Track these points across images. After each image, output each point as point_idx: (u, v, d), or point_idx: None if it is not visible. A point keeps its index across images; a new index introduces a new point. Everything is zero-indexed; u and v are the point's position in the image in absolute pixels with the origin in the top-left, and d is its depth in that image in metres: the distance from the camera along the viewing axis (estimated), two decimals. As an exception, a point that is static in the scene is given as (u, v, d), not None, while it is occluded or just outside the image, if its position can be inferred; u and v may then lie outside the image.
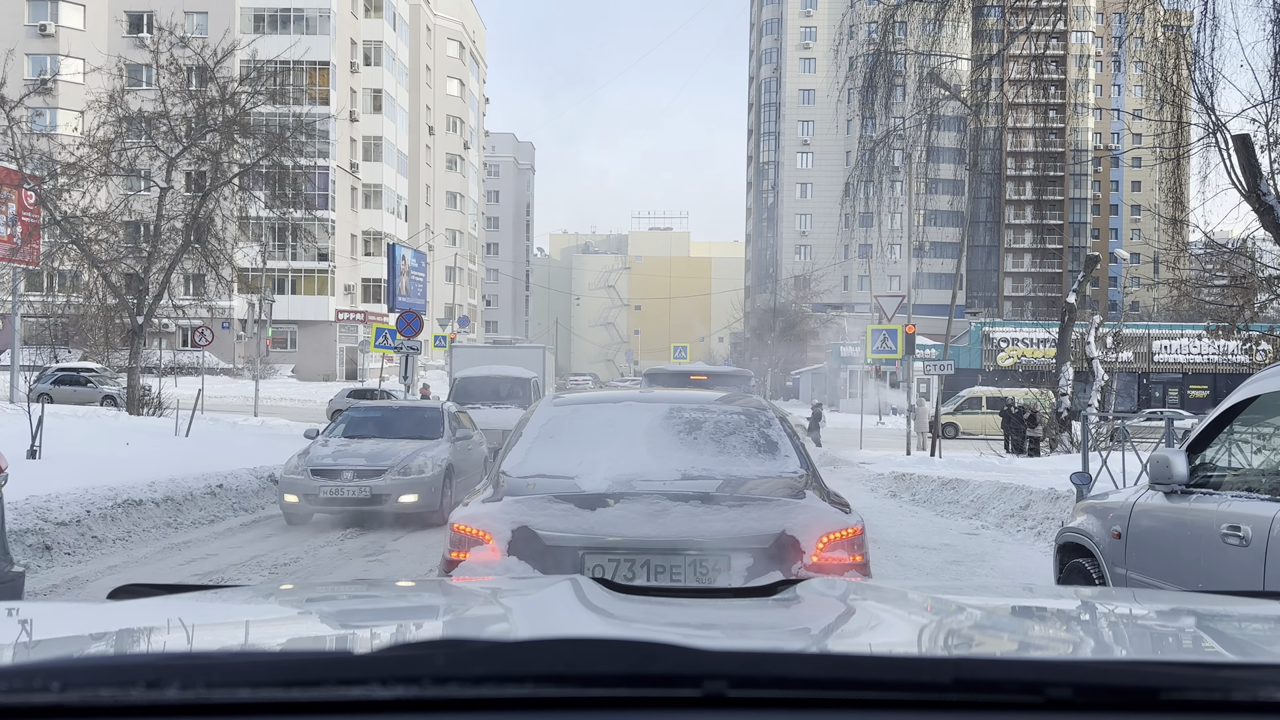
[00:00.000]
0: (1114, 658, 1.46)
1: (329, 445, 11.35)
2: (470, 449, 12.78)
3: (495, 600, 1.88)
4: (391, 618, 1.79)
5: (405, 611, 1.88)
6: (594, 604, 1.55)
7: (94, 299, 22.12)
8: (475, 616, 1.78)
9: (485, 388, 18.33)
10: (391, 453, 10.96)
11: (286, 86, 26.96)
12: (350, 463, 10.76)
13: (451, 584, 2.53)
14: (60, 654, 1.37)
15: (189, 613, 1.71)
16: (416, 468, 10.83)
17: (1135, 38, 14.29)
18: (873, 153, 17.36)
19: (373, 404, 15.53)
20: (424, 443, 11.40)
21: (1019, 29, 16.11)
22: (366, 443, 11.38)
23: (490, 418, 16.79)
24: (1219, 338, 16.74)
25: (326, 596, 2.07)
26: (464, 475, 11.77)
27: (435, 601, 1.99)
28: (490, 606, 1.84)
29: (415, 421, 12.23)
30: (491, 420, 16.66)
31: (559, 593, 1.64)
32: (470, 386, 18.26)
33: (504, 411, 17.05)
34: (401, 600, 2.05)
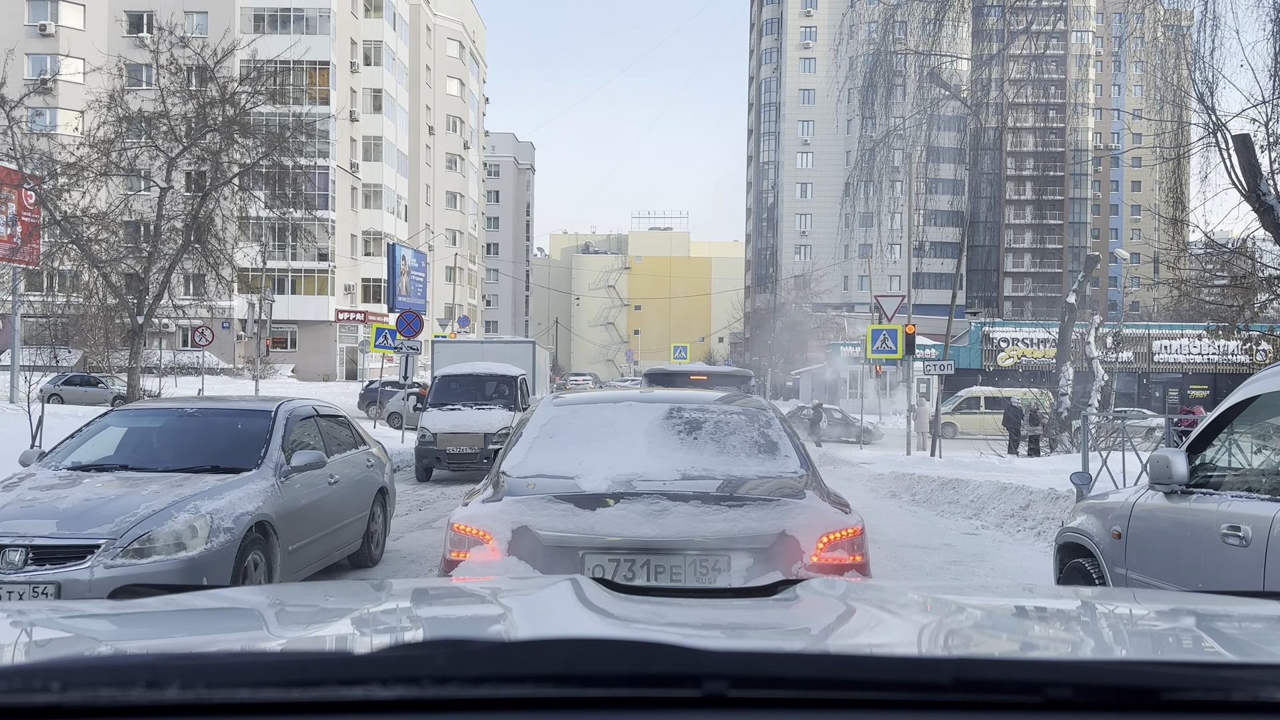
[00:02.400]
0: (1114, 658, 1.45)
1: (21, 486, 6.05)
2: (328, 485, 7.26)
3: (495, 600, 1.88)
4: (391, 618, 1.79)
5: (405, 611, 1.88)
6: (594, 604, 1.55)
7: (94, 299, 22.10)
8: (475, 616, 1.78)
9: (468, 386, 17.09)
10: (123, 504, 5.60)
11: (286, 86, 26.96)
12: (22, 531, 5.30)
13: (451, 584, 2.53)
14: (60, 654, 1.37)
15: (189, 613, 1.71)
16: (167, 539, 5.46)
17: (1135, 38, 14.30)
18: (873, 153, 17.38)
19: (158, 406, 8.08)
20: (217, 481, 6.11)
21: (1019, 29, 16.12)
22: (100, 480, 6.11)
23: (471, 420, 15.94)
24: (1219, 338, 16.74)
25: (326, 596, 2.07)
26: (309, 533, 6.83)
27: (435, 601, 1.99)
28: (490, 606, 1.84)
29: (217, 438, 6.82)
30: (472, 422, 15.86)
31: (559, 593, 1.64)
32: (451, 385, 17.11)
33: (487, 413, 16.11)
34: (402, 600, 2.05)
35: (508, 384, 17.17)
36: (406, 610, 1.90)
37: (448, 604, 1.94)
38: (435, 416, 16.15)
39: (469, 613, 1.82)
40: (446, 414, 16.11)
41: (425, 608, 1.92)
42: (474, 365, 17.94)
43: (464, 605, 1.90)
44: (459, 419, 15.88)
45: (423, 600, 2.04)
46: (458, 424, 15.78)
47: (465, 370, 17.58)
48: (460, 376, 17.34)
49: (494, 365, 17.91)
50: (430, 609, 1.90)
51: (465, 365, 17.95)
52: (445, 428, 15.72)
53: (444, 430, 15.69)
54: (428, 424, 16.00)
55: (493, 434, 15.47)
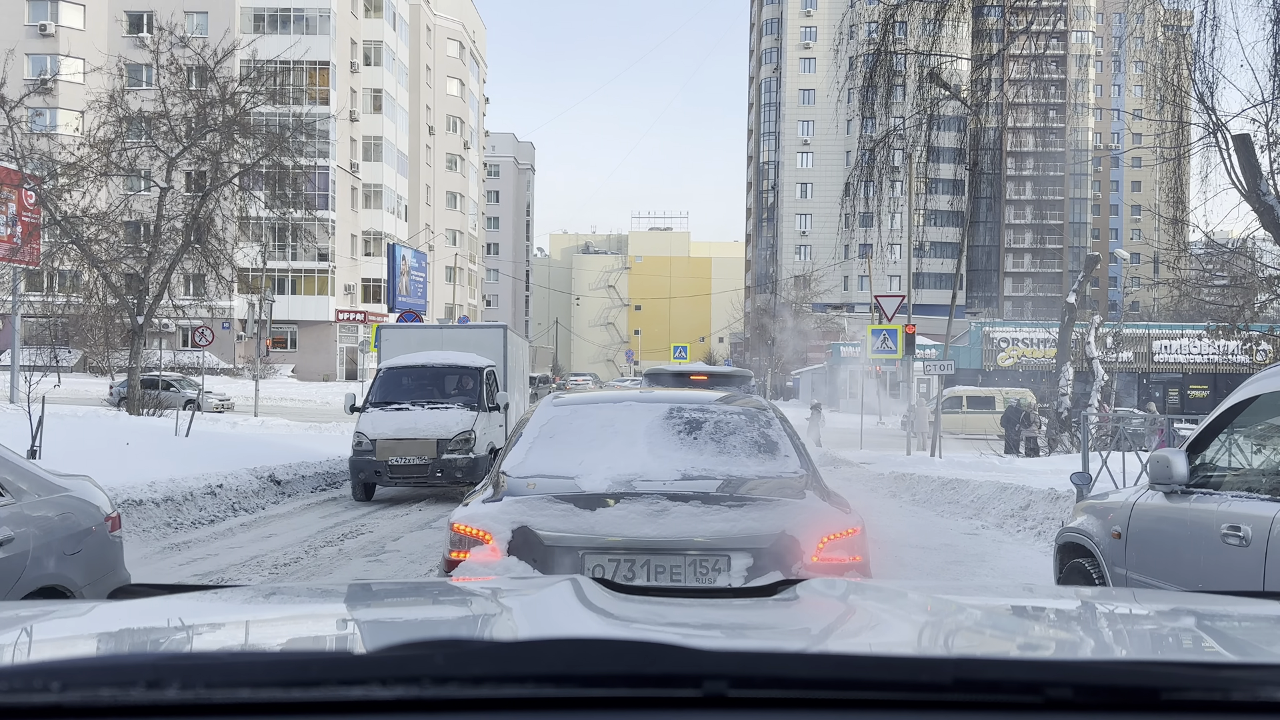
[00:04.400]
0: (1114, 658, 1.46)
1: None
2: None
3: (495, 600, 1.88)
4: (391, 618, 1.79)
5: (405, 611, 1.88)
6: (594, 604, 1.55)
7: (94, 299, 22.10)
8: (475, 616, 1.78)
9: (420, 381, 14.10)
10: None
11: (286, 86, 26.96)
12: None
13: (451, 584, 2.53)
14: (60, 654, 1.37)
15: (189, 613, 1.71)
16: None
17: (1135, 37, 14.30)
18: (873, 152, 17.37)
19: None
20: None
21: (1019, 29, 16.12)
22: None
23: (420, 422, 13.12)
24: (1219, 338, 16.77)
25: (326, 596, 2.07)
26: None
27: (435, 601, 1.99)
28: (490, 606, 1.84)
29: None
30: (422, 425, 13.06)
31: (559, 593, 1.64)
32: (402, 380, 14.14)
33: (441, 414, 13.34)
34: (401, 600, 2.04)
35: (470, 377, 14.23)
36: (406, 610, 1.90)
37: (448, 604, 1.94)
38: (375, 419, 13.23)
39: (469, 613, 1.82)
40: (390, 415, 13.27)
41: (425, 608, 1.92)
42: (428, 355, 14.59)
43: (464, 605, 1.90)
44: (404, 421, 13.12)
45: (423, 600, 2.04)
46: (403, 428, 13.01)
47: (417, 361, 14.41)
48: (411, 369, 14.31)
49: (453, 355, 14.61)
50: (430, 609, 1.90)
51: (418, 355, 14.64)
52: (387, 433, 12.94)
53: (385, 436, 12.90)
54: (365, 428, 13.05)
55: (449, 439, 12.94)
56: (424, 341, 15.77)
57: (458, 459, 12.95)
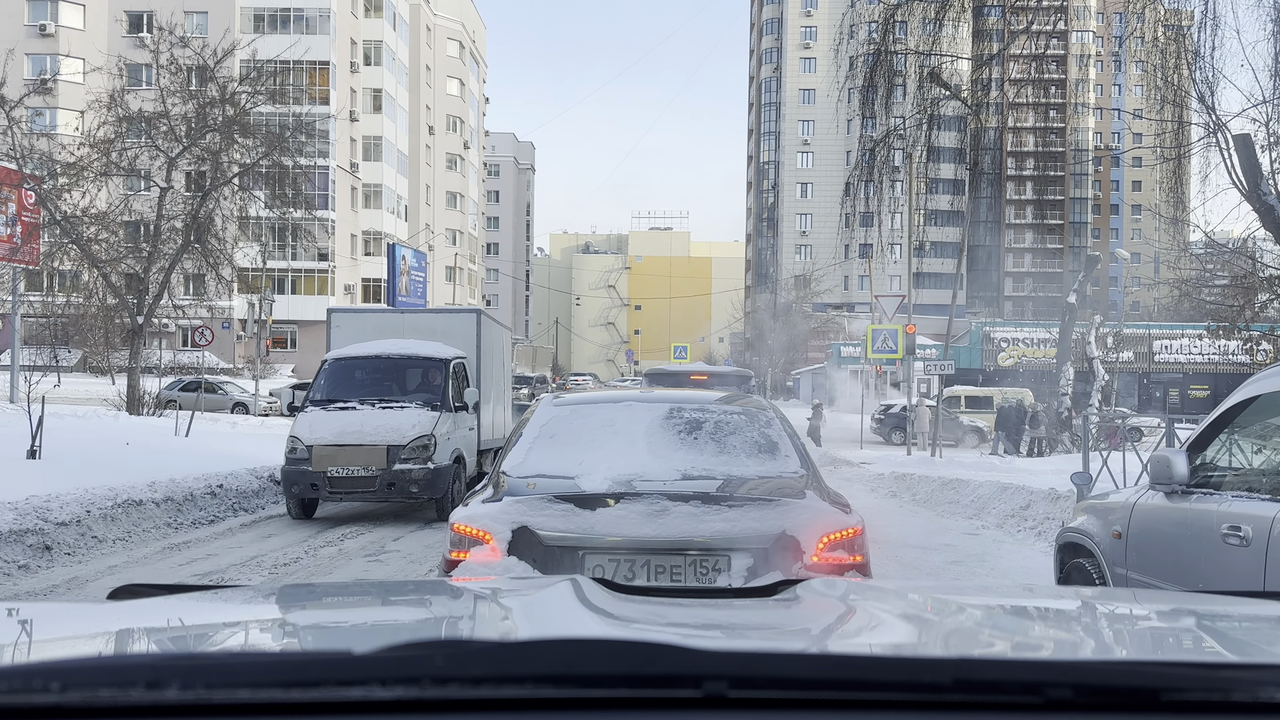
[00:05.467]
0: (1114, 658, 1.46)
1: None
2: None
3: (495, 600, 1.88)
4: (391, 618, 1.79)
5: (405, 612, 1.88)
6: (594, 604, 1.55)
7: (94, 299, 22.13)
8: (475, 617, 1.78)
9: (372, 376, 12.08)
10: None
11: (286, 86, 26.98)
12: None
13: (451, 584, 2.53)
14: (60, 654, 1.37)
15: (189, 613, 1.71)
16: None
17: (1136, 37, 14.29)
18: (873, 152, 17.36)
19: None
20: None
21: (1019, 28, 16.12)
22: None
23: (368, 425, 10.97)
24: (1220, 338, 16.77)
25: (326, 596, 2.07)
26: None
27: (435, 602, 1.99)
28: (490, 607, 1.84)
29: None
30: (369, 429, 10.90)
31: (559, 593, 1.64)
32: (348, 374, 11.97)
33: (395, 414, 11.19)
34: (401, 600, 2.04)
35: (435, 371, 12.06)
36: (406, 610, 1.90)
37: (448, 604, 1.94)
38: (314, 421, 11.11)
39: (469, 613, 1.82)
40: (332, 417, 11.12)
41: (425, 608, 1.92)
42: (385, 344, 12.44)
43: (464, 605, 1.90)
44: (349, 424, 10.98)
45: (423, 600, 2.04)
46: (346, 432, 10.86)
47: (369, 352, 12.27)
48: (362, 360, 12.17)
49: (415, 344, 12.47)
50: (430, 609, 1.90)
51: (372, 344, 12.46)
52: (326, 438, 10.79)
53: (324, 442, 10.76)
54: (301, 432, 10.97)
55: (402, 446, 10.81)
56: (381, 328, 13.35)
57: (413, 470, 10.78)
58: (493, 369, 14.40)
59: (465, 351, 12.82)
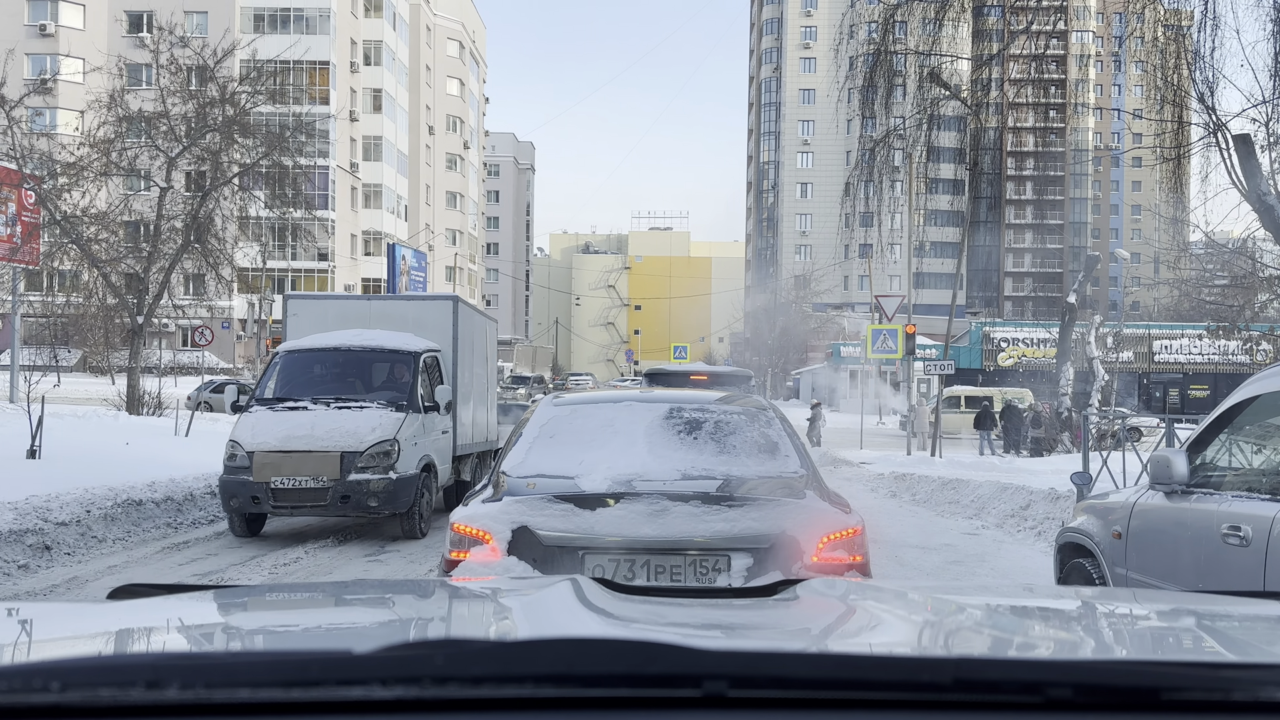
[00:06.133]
0: (1114, 658, 1.46)
1: None
2: None
3: (495, 600, 1.88)
4: (391, 618, 1.79)
5: (405, 611, 1.88)
6: (594, 604, 1.55)
7: (94, 299, 22.13)
8: (475, 616, 1.78)
9: (331, 370, 10.67)
10: None
11: (286, 86, 26.98)
12: None
13: (451, 584, 2.53)
14: (60, 654, 1.37)
15: (189, 613, 1.71)
16: None
17: (1135, 37, 14.28)
18: (873, 152, 17.37)
19: None
20: None
21: (1019, 29, 16.12)
22: None
23: (319, 428, 9.53)
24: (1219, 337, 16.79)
25: (326, 596, 2.07)
26: None
27: (435, 601, 1.99)
28: (490, 606, 1.84)
29: None
30: (321, 433, 9.48)
31: (559, 593, 1.64)
32: (302, 369, 10.60)
33: (353, 415, 9.74)
34: (401, 600, 2.04)
35: (402, 365, 10.69)
36: (406, 610, 1.90)
37: (448, 604, 1.94)
38: (258, 423, 9.72)
39: (469, 613, 1.82)
40: (280, 418, 9.74)
41: (425, 608, 1.92)
42: (345, 335, 10.97)
43: (464, 605, 1.90)
44: (298, 426, 9.55)
45: (423, 600, 2.04)
46: (293, 435, 9.45)
47: (327, 343, 10.78)
48: (317, 353, 10.75)
49: (380, 335, 11.01)
50: (430, 609, 1.90)
51: (331, 336, 10.98)
52: (270, 442, 9.39)
53: (267, 447, 9.35)
54: (242, 435, 9.63)
55: (359, 453, 9.43)
56: (344, 317, 11.78)
57: (372, 480, 9.38)
58: (472, 363, 12.87)
59: (440, 344, 11.46)
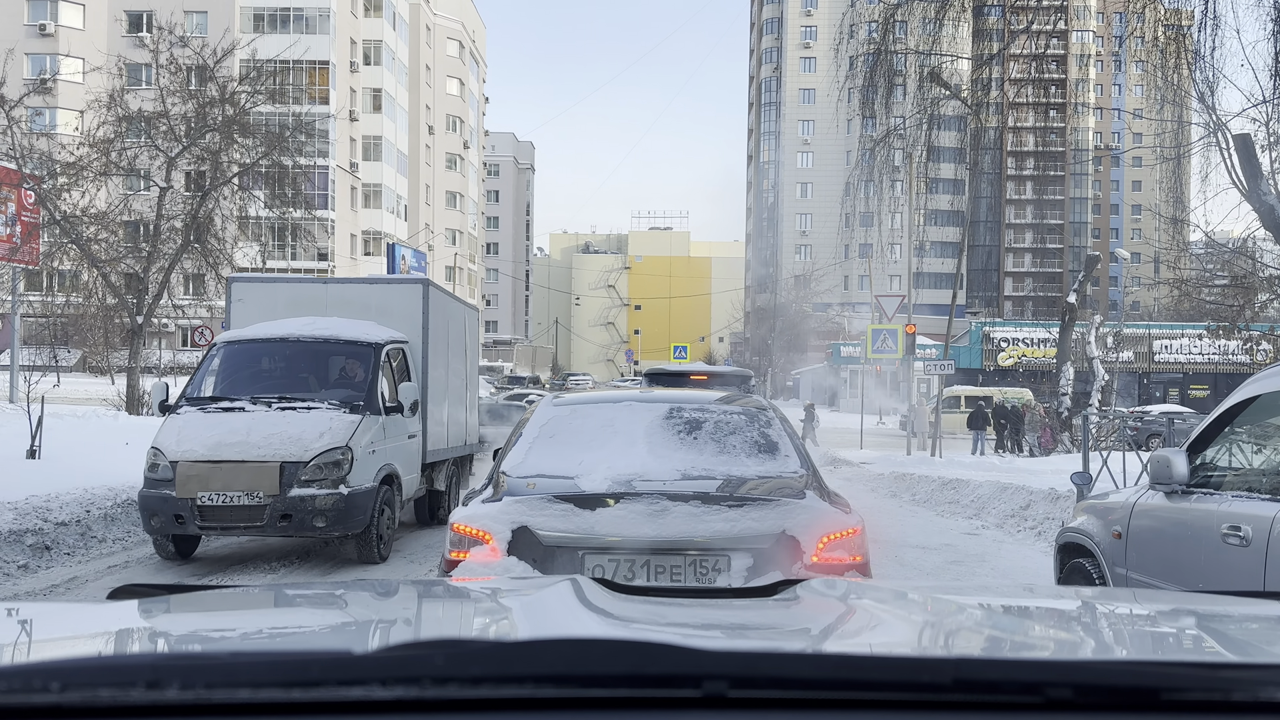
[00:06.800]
0: (1114, 658, 1.45)
1: None
2: None
3: (495, 600, 1.88)
4: (391, 618, 1.79)
5: (405, 611, 1.88)
6: (594, 604, 1.55)
7: (94, 299, 22.13)
8: (475, 616, 1.78)
9: (276, 366, 9.31)
10: None
11: (286, 86, 27.00)
12: None
13: (451, 584, 2.53)
14: (60, 654, 1.37)
15: (189, 613, 1.71)
16: None
17: (1136, 37, 14.29)
18: (873, 152, 17.38)
19: None
20: None
21: (1019, 28, 16.14)
22: None
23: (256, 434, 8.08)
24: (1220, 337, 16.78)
25: (326, 596, 2.07)
26: None
27: (435, 602, 1.99)
28: (490, 606, 1.84)
29: None
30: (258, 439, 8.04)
31: (559, 593, 1.64)
32: (243, 363, 9.22)
33: (298, 419, 8.30)
34: (401, 600, 2.04)
35: (360, 361, 9.19)
36: (406, 610, 1.90)
37: (448, 604, 1.94)
38: (186, 426, 8.31)
39: (469, 613, 1.82)
40: (211, 421, 8.31)
41: (425, 608, 1.92)
42: (294, 324, 9.40)
43: (464, 605, 1.90)
44: (230, 431, 8.13)
45: (423, 600, 2.04)
46: (225, 442, 8.04)
47: (274, 334, 9.31)
48: (261, 345, 9.35)
49: (335, 324, 9.48)
50: (430, 609, 1.90)
51: (279, 324, 9.45)
52: (197, 450, 8.02)
53: (194, 456, 7.98)
54: (166, 442, 8.20)
55: (303, 463, 8.02)
56: (296, 302, 10.19)
57: (318, 496, 7.98)
58: (447, 357, 11.32)
59: (408, 334, 10.02)
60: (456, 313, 12.11)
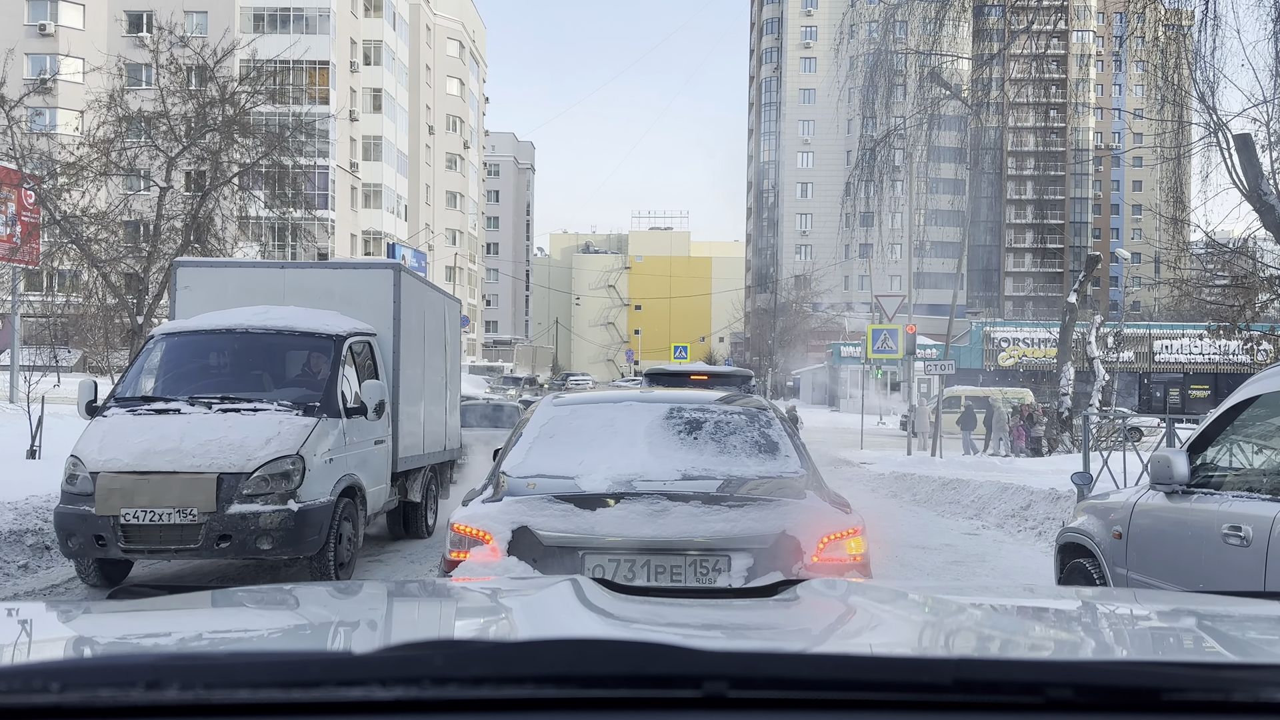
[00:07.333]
0: (1114, 658, 1.45)
1: None
2: None
3: (495, 600, 1.88)
4: (391, 618, 1.79)
5: (405, 612, 1.88)
6: (594, 604, 1.55)
7: (94, 299, 22.13)
8: (475, 617, 1.78)
9: (223, 361, 8.23)
10: None
11: (286, 86, 26.99)
12: None
13: (451, 584, 2.53)
14: (60, 654, 1.37)
15: (189, 613, 1.71)
16: None
17: (1136, 37, 14.29)
18: (873, 152, 17.38)
19: None
20: None
21: (1020, 28, 16.13)
22: None
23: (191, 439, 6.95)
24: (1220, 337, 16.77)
25: (326, 596, 2.07)
26: None
27: (435, 602, 1.99)
28: (490, 607, 1.84)
29: None
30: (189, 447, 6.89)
31: (559, 593, 1.64)
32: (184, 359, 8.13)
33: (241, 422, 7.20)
34: (401, 600, 2.04)
35: (319, 355, 8.19)
36: (406, 610, 1.90)
37: (448, 604, 1.94)
38: (110, 431, 7.21)
39: (469, 613, 1.82)
40: (140, 425, 7.21)
41: (425, 608, 1.92)
42: (244, 315, 8.27)
43: (464, 605, 1.90)
44: (162, 436, 7.03)
45: (423, 600, 2.04)
46: (154, 450, 6.92)
47: (220, 325, 8.20)
48: (207, 338, 8.22)
49: (290, 314, 8.36)
50: (430, 609, 1.90)
51: (226, 315, 8.32)
52: (121, 459, 6.91)
53: (117, 467, 6.87)
54: (87, 450, 7.08)
55: (246, 474, 6.91)
56: (249, 289, 9.07)
57: (263, 514, 6.90)
58: (424, 352, 10.22)
59: (376, 326, 8.95)
60: (435, 303, 10.97)
